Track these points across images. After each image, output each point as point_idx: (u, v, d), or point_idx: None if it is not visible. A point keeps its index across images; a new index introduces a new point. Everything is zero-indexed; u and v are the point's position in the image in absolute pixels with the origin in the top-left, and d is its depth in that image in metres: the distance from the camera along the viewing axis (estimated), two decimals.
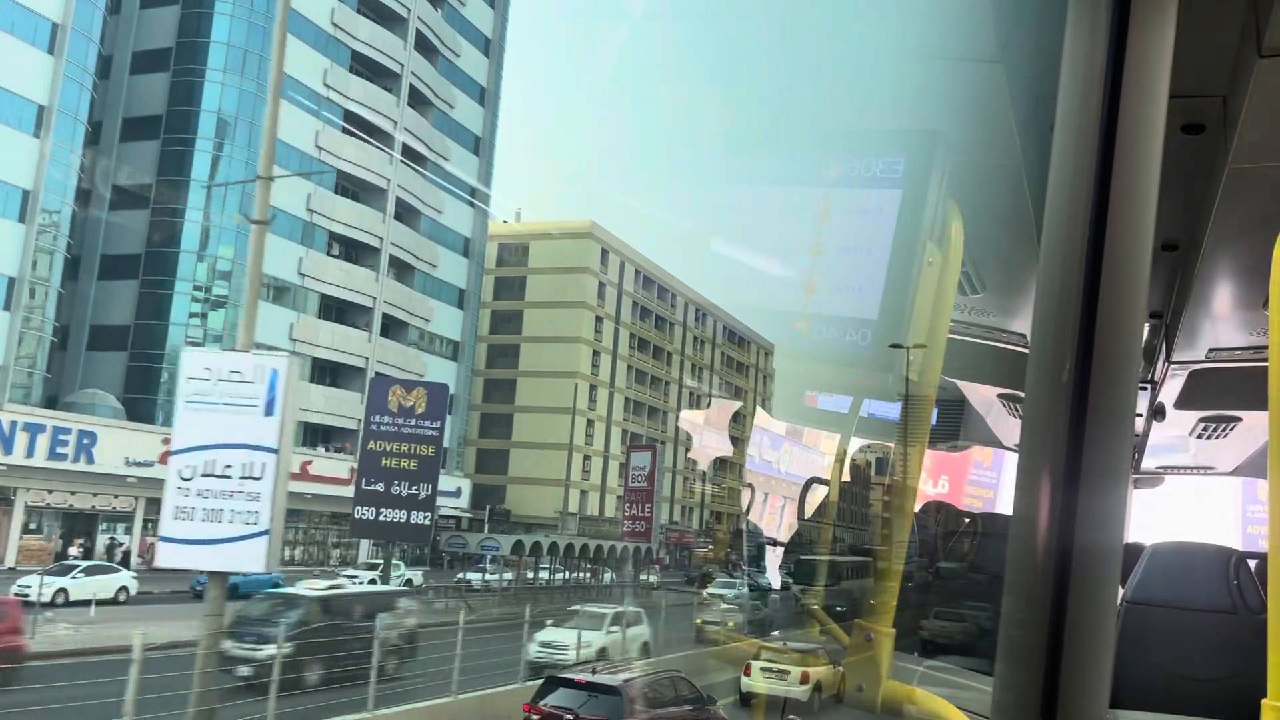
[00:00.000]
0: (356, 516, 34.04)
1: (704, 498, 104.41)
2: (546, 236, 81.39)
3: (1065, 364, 1.23)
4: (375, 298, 55.40)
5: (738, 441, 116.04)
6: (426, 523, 34.31)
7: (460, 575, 45.03)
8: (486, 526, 73.47)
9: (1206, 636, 3.59)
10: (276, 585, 30.54)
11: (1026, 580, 1.23)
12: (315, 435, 53.14)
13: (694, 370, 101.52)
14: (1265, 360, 1.95)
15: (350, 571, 39.01)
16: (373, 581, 35.86)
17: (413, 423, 34.59)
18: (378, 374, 43.88)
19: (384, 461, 34.32)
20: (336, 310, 54.71)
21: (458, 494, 63.02)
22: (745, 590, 44.13)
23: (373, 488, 34.08)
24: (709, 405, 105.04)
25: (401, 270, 59.28)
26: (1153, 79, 1.28)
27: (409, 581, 39.38)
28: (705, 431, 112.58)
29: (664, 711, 13.91)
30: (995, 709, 1.28)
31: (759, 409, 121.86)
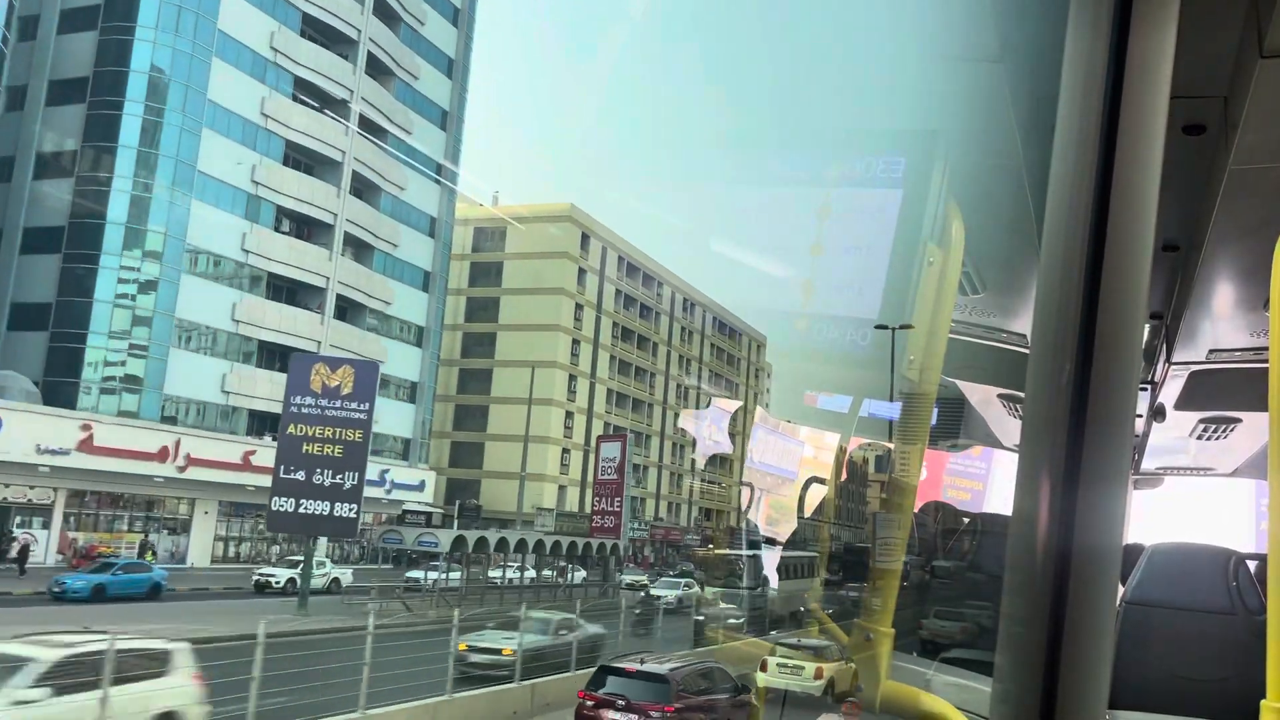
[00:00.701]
0: (273, 509, 30.61)
1: (692, 493, 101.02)
2: (524, 220, 77.95)
3: (1065, 364, 1.24)
4: (329, 278, 51.93)
5: (730, 436, 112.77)
6: (352, 515, 30.88)
7: (409, 574, 41.70)
8: (456, 523, 70.14)
9: (1206, 637, 3.51)
10: (158, 586, 27.25)
11: (1026, 580, 1.23)
12: (263, 424, 49.72)
13: (681, 362, 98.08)
14: (1266, 361, 1.93)
15: (268, 570, 35.51)
16: (291, 581, 32.47)
17: (338, 405, 31.19)
18: (298, 351, 40.36)
19: (305, 448, 30.93)
20: (288, 291, 51.30)
21: (421, 487, 59.61)
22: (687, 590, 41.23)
23: (292, 476, 30.67)
24: (698, 399, 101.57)
25: (359, 250, 55.86)
26: (1154, 80, 1.29)
27: (335, 581, 35.96)
28: (701, 426, 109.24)
29: (704, 698, 14.81)
30: (994, 709, 1.28)
31: (752, 403, 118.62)
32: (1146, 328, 4.07)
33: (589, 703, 14.39)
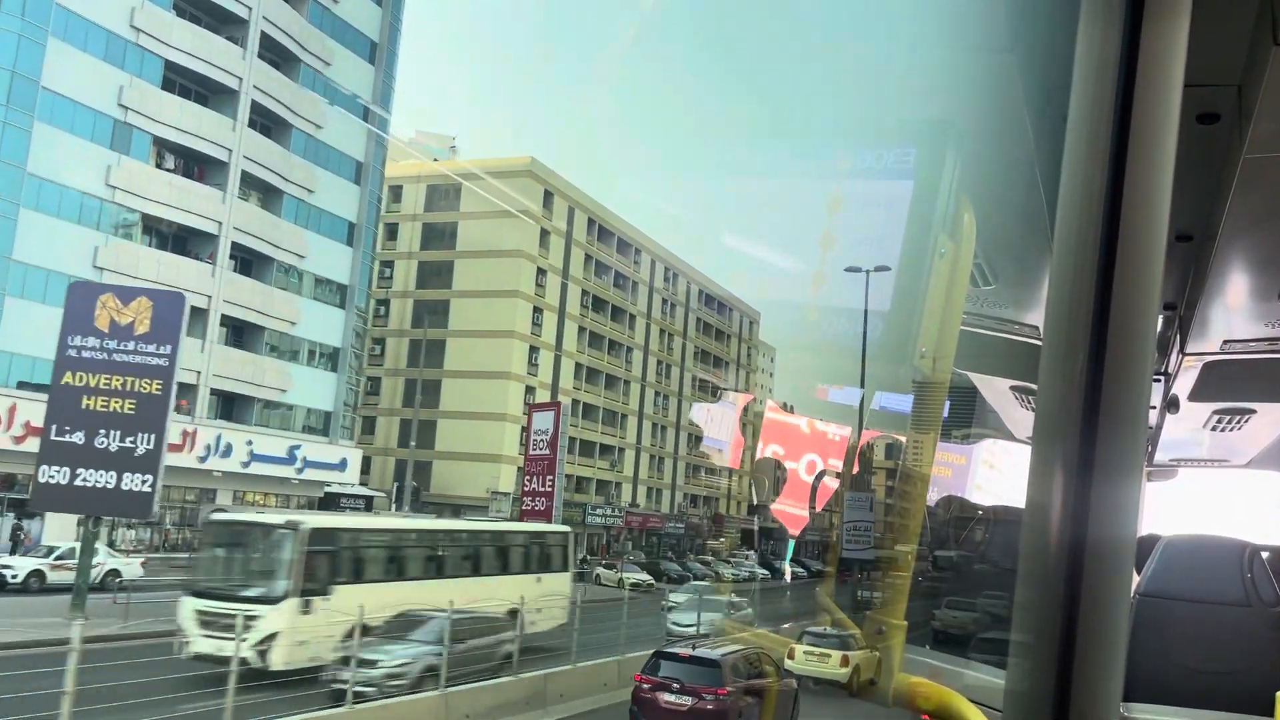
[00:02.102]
0: (41, 480, 23.53)
1: (675, 478, 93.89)
2: (479, 176, 70.79)
3: (1078, 356, 1.24)
4: (222, 223, 44.86)
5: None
6: (148, 490, 23.73)
7: None
8: (393, 508, 63.23)
9: (1220, 629, 3.51)
10: None
11: (1040, 573, 1.24)
12: None
13: (663, 337, 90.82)
14: None
15: (4, 562, 28.22)
16: (36, 575, 25.35)
17: (130, 347, 24.09)
18: (77, 281, 33.23)
19: (85, 402, 23.84)
20: (174, 238, 44.30)
21: (342, 466, 52.57)
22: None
23: (67, 439, 23.59)
24: (681, 377, 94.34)
25: (268, 195, 48.81)
26: (1167, 68, 1.28)
27: (114, 573, 28.72)
28: (716, 417, 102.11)
29: (753, 682, 15.48)
30: (1007, 701, 1.28)
31: (744, 383, 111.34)
32: (1160, 319, 3.85)
33: (645, 685, 14.87)
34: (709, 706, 14.46)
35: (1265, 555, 3.72)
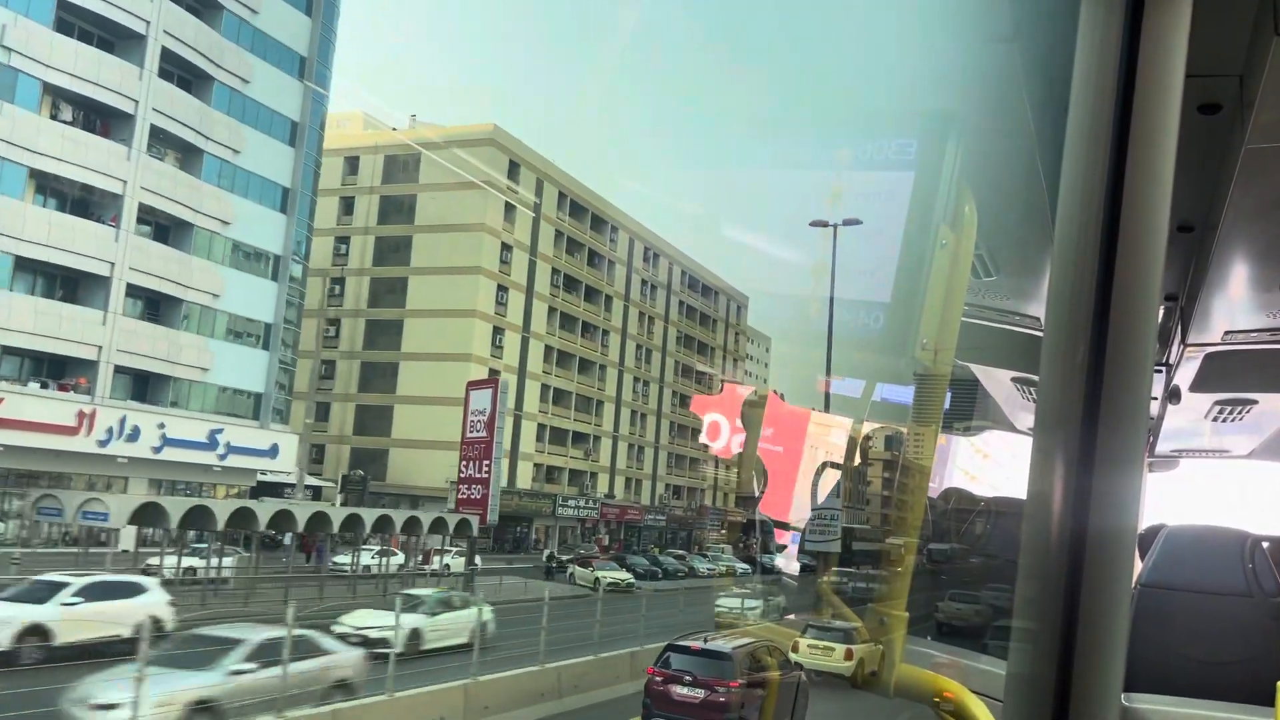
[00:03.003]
0: None
1: (656, 468, 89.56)
2: (439, 145, 66.35)
3: (1080, 347, 1.25)
4: (126, 181, 40.43)
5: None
6: None
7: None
8: (339, 499, 58.94)
9: (1222, 620, 3.53)
10: None
11: (1041, 563, 1.25)
12: (30, 365, 38.46)
13: (642, 319, 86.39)
14: None
15: None
16: None
17: None
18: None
19: None
20: (74, 200, 39.88)
21: (273, 453, 48.19)
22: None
23: None
24: (663, 361, 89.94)
25: (187, 154, 44.39)
26: (1168, 58, 1.29)
27: None
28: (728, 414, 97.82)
29: (762, 674, 15.79)
30: (1008, 692, 1.29)
31: (732, 369, 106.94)
32: (1161, 309, 3.84)
33: (658, 678, 15.14)
34: (721, 699, 14.54)
35: (1266, 545, 3.69)
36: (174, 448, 42.50)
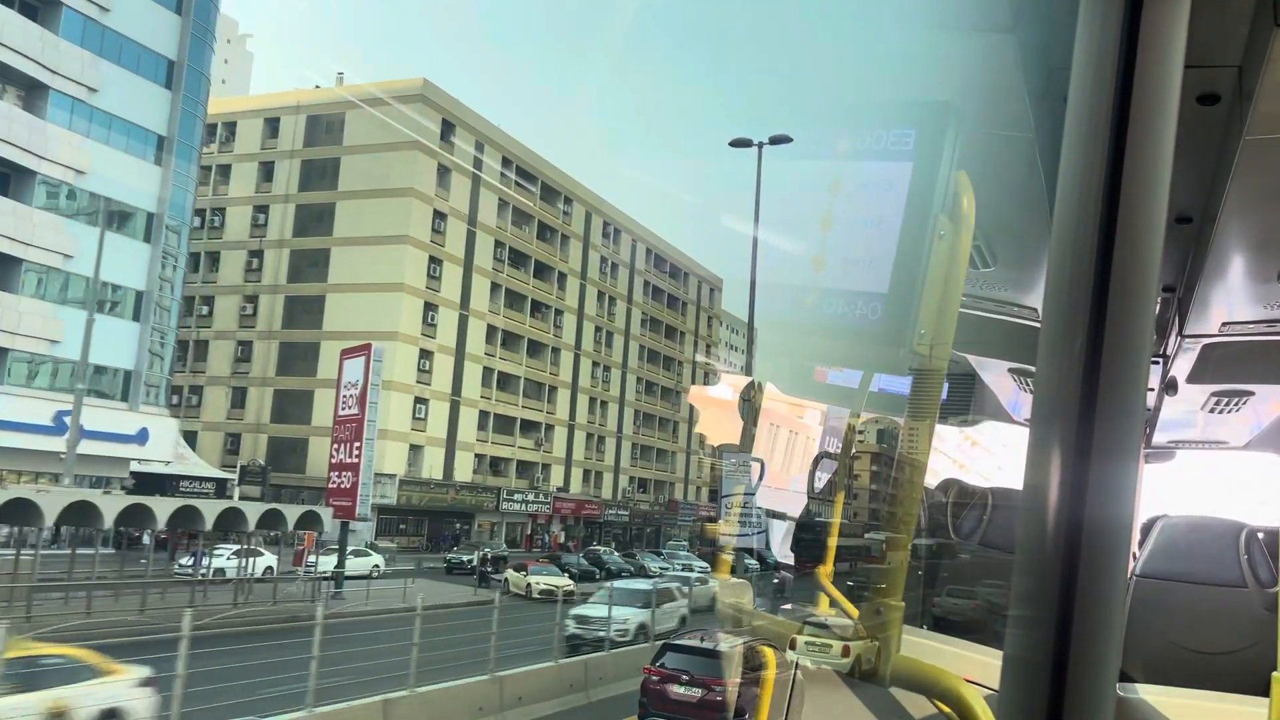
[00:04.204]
0: None
1: (619, 459, 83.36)
2: (365, 101, 60.09)
3: (1077, 338, 1.26)
4: None
5: (671, 394, 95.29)
6: None
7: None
8: (237, 492, 52.71)
9: (1217, 610, 3.58)
10: None
11: (1037, 554, 1.26)
12: None
13: (601, 299, 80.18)
14: (1279, 334, 2.13)
15: None
16: None
17: None
18: None
19: None
20: None
21: (141, 438, 41.86)
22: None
23: None
24: (626, 345, 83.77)
25: (29, 92, 38.11)
26: (1167, 49, 1.29)
27: None
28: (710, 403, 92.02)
29: (759, 673, 10.03)
30: (1004, 681, 1.30)
31: (704, 356, 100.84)
32: (1159, 301, 3.99)
33: (654, 677, 14.88)
34: (718, 697, 14.32)
35: (1261, 536, 3.74)
36: (8, 431, 36.28)
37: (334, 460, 32.47)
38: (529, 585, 36.18)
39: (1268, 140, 2.66)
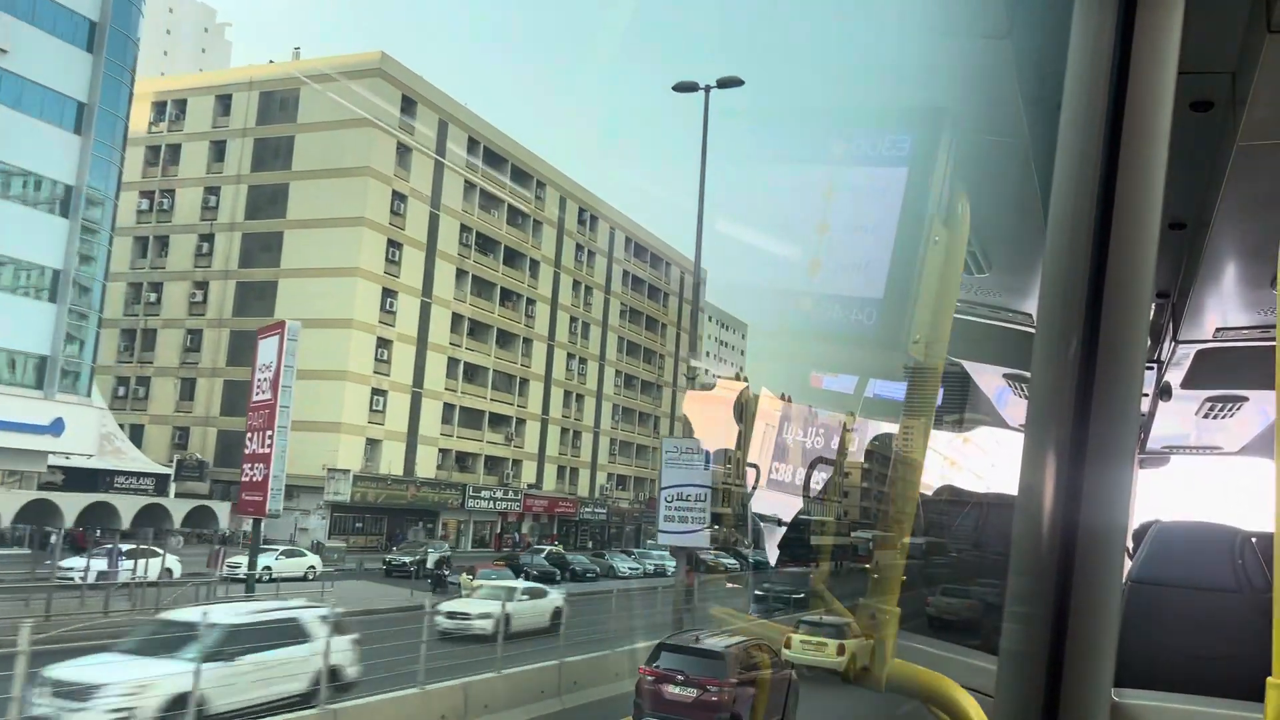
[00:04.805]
0: None
1: (595, 455, 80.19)
2: (321, 77, 56.90)
3: (1072, 344, 1.26)
4: None
5: (652, 388, 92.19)
6: None
7: None
8: (173, 487, 49.56)
9: (1211, 615, 3.52)
10: None
11: (1032, 559, 1.26)
12: None
13: (577, 288, 77.02)
14: (1272, 339, 2.09)
15: None
16: None
17: None
18: None
19: None
20: None
21: (55, 429, 38.61)
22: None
23: None
24: (603, 337, 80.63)
25: None
26: (1161, 55, 1.31)
27: None
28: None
29: (755, 672, 15.30)
30: (1000, 686, 1.30)
31: (686, 349, 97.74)
32: (1152, 306, 4.03)
33: (649, 678, 14.77)
34: (713, 698, 14.24)
35: (1255, 541, 3.67)
36: None
37: (247, 451, 29.36)
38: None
39: (1260, 146, 2.63)
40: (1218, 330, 4.55)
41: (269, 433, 28.14)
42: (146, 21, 45.16)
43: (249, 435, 29.62)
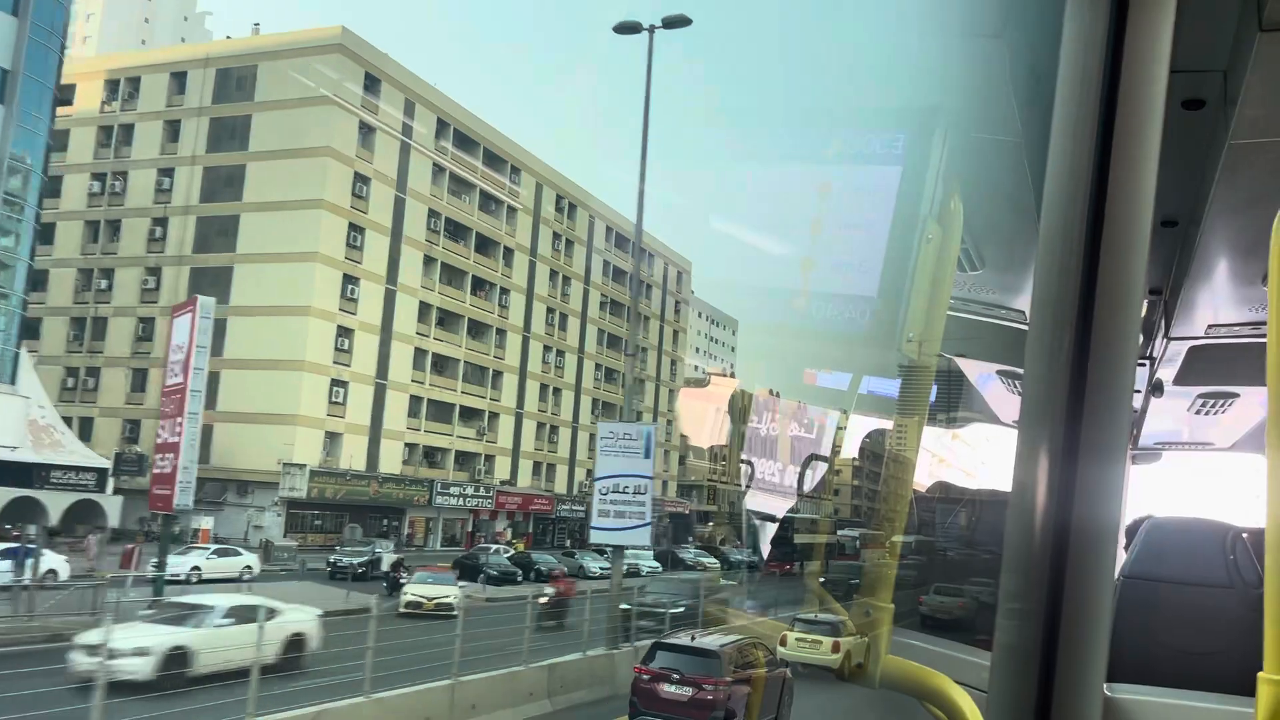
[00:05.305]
0: None
1: (574, 451, 77.53)
2: (279, 53, 54.18)
3: (1064, 341, 1.28)
4: None
5: (637, 383, 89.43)
6: None
7: None
8: (111, 483, 46.82)
9: (1203, 611, 3.51)
10: None
11: (1024, 556, 1.28)
12: None
13: (554, 278, 74.38)
14: (1264, 336, 1.92)
15: None
16: None
17: None
18: None
19: None
20: None
21: None
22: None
23: None
24: (582, 328, 78.01)
25: None
26: (1153, 54, 1.32)
27: None
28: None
29: (750, 671, 15.35)
30: (993, 682, 1.32)
31: (670, 343, 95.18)
32: (1145, 303, 4.00)
33: (645, 676, 14.76)
34: (709, 696, 14.27)
35: (1246, 537, 3.65)
36: None
37: (159, 440, 26.75)
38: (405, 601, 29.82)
39: (1252, 144, 2.64)
40: (1209, 327, 4.56)
41: (179, 420, 25.50)
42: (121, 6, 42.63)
43: (161, 424, 26.99)
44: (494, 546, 50.09)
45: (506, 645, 17.01)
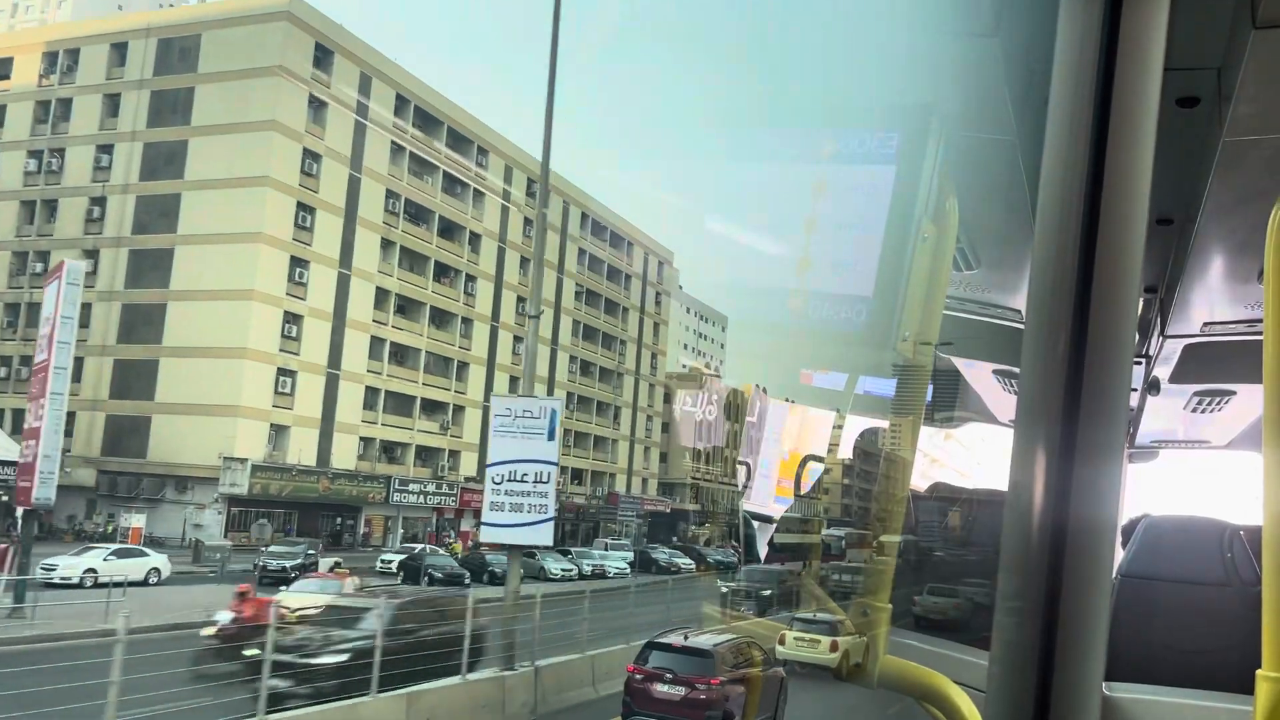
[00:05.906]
0: None
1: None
2: (223, 22, 50.87)
3: (1060, 339, 1.28)
4: None
5: (612, 376, 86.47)
6: None
7: None
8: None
9: (1201, 609, 3.56)
10: None
11: (1022, 555, 1.28)
12: None
13: (526, 266, 71.16)
14: (1259, 333, 1.92)
15: None
16: None
17: None
18: None
19: None
20: None
21: None
22: None
23: None
24: (556, 319, 74.79)
25: None
26: (1147, 52, 1.32)
27: None
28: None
29: (744, 670, 15.25)
30: (991, 682, 1.32)
31: (650, 336, 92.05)
32: (1141, 301, 4.06)
33: (638, 676, 14.68)
34: (702, 696, 14.19)
35: (1244, 535, 3.68)
36: None
37: (26, 427, 23.55)
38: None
39: (1247, 142, 2.65)
40: (1205, 325, 4.52)
41: (42, 401, 22.29)
42: None
43: (29, 407, 23.76)
44: (428, 547, 46.77)
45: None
